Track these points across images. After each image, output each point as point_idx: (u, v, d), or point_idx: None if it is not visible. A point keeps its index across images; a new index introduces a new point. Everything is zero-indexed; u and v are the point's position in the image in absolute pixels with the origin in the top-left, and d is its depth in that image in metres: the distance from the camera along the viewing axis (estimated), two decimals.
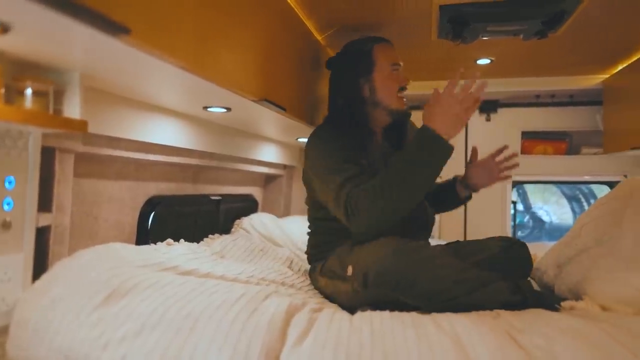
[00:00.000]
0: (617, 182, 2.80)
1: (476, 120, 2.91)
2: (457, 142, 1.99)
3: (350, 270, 1.27)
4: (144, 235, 1.60)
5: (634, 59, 2.18)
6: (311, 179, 1.45)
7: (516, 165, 1.60)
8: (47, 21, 0.65)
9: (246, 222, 2.12)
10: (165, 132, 1.47)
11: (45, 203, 1.12)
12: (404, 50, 2.00)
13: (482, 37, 1.75)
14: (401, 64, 1.54)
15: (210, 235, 1.81)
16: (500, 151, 1.61)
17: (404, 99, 1.54)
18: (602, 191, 3.61)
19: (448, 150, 1.24)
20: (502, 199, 2.87)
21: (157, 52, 0.80)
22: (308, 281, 1.68)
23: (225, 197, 2.18)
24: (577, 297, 1.38)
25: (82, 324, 0.85)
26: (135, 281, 0.95)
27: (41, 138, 1.05)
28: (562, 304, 1.29)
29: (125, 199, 1.54)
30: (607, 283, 1.31)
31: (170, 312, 0.86)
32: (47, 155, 1.11)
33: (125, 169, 1.53)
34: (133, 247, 1.23)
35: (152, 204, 1.64)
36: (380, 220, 1.23)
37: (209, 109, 1.42)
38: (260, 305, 0.93)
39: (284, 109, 1.46)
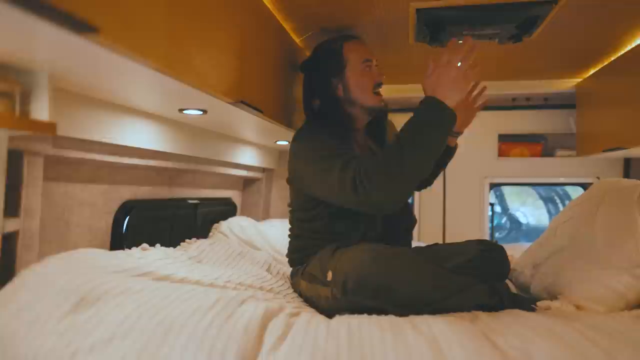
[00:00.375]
0: (590, 184, 2.88)
1: None
2: None
3: (330, 275, 1.26)
4: (119, 241, 1.56)
5: (605, 63, 2.24)
6: (300, 177, 1.43)
7: (485, 88, 1.66)
8: (11, 20, 0.63)
9: (224, 226, 2.10)
10: (140, 134, 1.44)
11: (12, 208, 1.08)
12: (382, 54, 2.01)
13: (459, 40, 1.77)
14: (373, 59, 1.53)
15: (187, 240, 1.78)
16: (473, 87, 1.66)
17: (381, 95, 1.53)
18: (576, 192, 3.69)
19: (452, 116, 1.21)
20: (480, 201, 2.90)
21: (127, 52, 0.78)
22: (287, 285, 1.66)
23: (203, 200, 2.15)
24: (553, 296, 1.40)
25: (49, 332, 0.82)
26: (106, 287, 0.92)
27: (8, 140, 1.01)
28: (538, 304, 1.31)
29: (99, 203, 1.50)
30: (581, 282, 1.34)
31: (142, 320, 0.83)
32: (15, 159, 1.07)
33: (98, 172, 1.49)
34: (105, 253, 1.20)
35: (126, 208, 1.61)
36: (392, 189, 1.18)
37: (184, 112, 1.39)
38: (237, 310, 0.91)
39: (261, 111, 1.44)
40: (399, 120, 1.63)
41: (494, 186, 3.14)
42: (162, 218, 1.83)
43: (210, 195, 2.25)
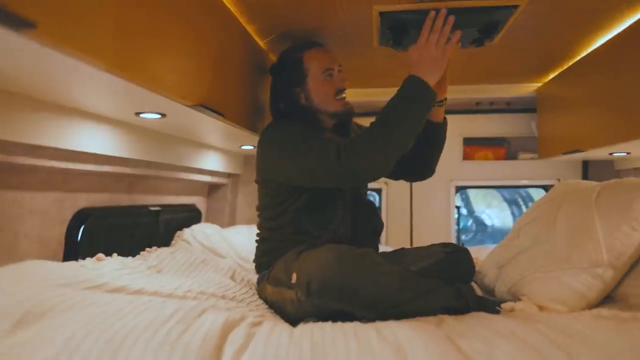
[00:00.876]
0: (551, 186, 2.95)
1: None
2: None
3: (294, 277, 1.23)
4: (73, 251, 1.48)
5: (563, 68, 2.30)
6: (272, 167, 1.44)
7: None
8: None
9: (187, 233, 2.04)
10: (96, 139, 1.37)
11: None
12: (346, 57, 2.00)
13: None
14: (335, 67, 1.54)
15: (147, 249, 1.71)
16: None
17: (344, 100, 1.54)
18: (538, 194, 3.78)
19: (433, 94, 1.32)
20: (447, 204, 2.93)
21: (69, 50, 0.72)
22: (252, 292, 1.62)
23: (165, 207, 2.08)
24: (516, 297, 1.41)
25: None
26: (52, 302, 0.86)
27: None
28: (502, 305, 1.31)
29: (51, 211, 1.42)
30: (543, 283, 1.35)
31: (91, 337, 0.78)
32: None
33: (50, 179, 1.41)
34: (55, 264, 1.13)
35: (82, 216, 1.53)
36: (376, 157, 1.26)
37: (141, 115, 1.34)
38: (194, 322, 0.87)
39: (223, 115, 1.40)
40: (363, 124, 1.63)
41: (459, 189, 3.18)
42: (121, 226, 1.75)
43: (173, 202, 2.18)
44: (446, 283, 1.25)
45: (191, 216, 2.36)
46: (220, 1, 1.46)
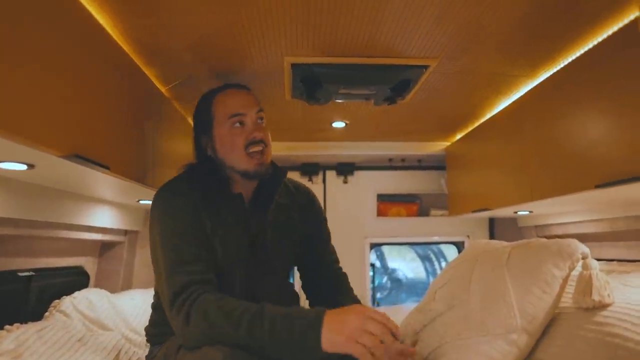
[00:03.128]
0: (461, 242, 3.01)
1: (334, 182, 2.93)
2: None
3: None
4: None
5: (470, 129, 2.40)
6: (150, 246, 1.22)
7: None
8: None
9: (67, 302, 1.72)
10: None
11: None
12: None
13: (335, 99, 1.74)
14: (247, 112, 1.24)
15: (7, 326, 1.40)
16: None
17: (259, 156, 1.23)
18: (449, 250, 3.88)
19: (314, 349, 0.97)
20: (361, 261, 2.86)
21: None
22: None
23: (40, 272, 1.76)
24: None
25: None
26: None
27: None
28: None
29: None
30: (459, 352, 1.30)
31: None
32: None
33: None
34: None
35: None
36: (201, 340, 1.03)
37: (1, 165, 1.10)
38: None
39: (107, 167, 1.21)
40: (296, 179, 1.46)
41: (374, 246, 3.15)
42: None
43: (53, 265, 1.86)
44: None
45: (75, 280, 2.03)
46: (111, 39, 1.30)
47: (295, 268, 1.50)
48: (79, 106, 1.10)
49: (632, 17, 1.26)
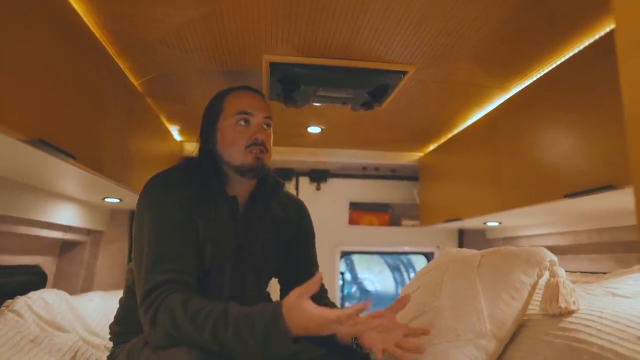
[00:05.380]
0: (431, 253, 3.03)
1: (307, 188, 2.91)
2: None
3: None
4: None
5: (443, 140, 2.43)
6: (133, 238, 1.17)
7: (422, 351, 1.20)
8: None
9: (21, 302, 1.63)
10: None
11: None
12: None
13: (313, 102, 1.73)
14: (256, 114, 1.26)
15: None
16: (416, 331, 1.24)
17: (258, 156, 1.23)
18: (419, 260, 3.90)
19: (287, 348, 0.94)
20: (332, 269, 2.84)
21: None
22: None
23: None
24: None
25: None
26: None
27: None
28: None
29: None
30: (429, 355, 1.28)
31: None
32: None
33: None
34: None
35: None
36: (167, 343, 1.00)
37: None
38: None
39: (73, 157, 1.15)
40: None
41: (344, 254, 3.13)
42: None
43: (7, 263, 1.76)
44: None
45: (32, 280, 1.93)
46: (84, 25, 1.25)
47: (276, 280, 1.48)
48: (45, 90, 1.05)
49: (602, 33, 1.30)
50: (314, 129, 2.30)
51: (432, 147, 2.57)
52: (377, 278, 4.56)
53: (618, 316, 1.12)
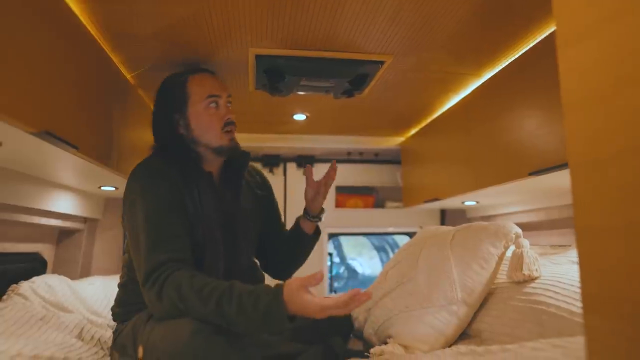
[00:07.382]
0: (414, 233, 3.17)
1: (294, 174, 3.01)
2: (279, 194, 2.14)
3: (141, 351, 1.09)
4: None
5: (422, 125, 2.54)
6: (126, 225, 1.27)
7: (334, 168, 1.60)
8: None
9: (25, 286, 1.72)
10: None
11: None
12: None
13: (297, 91, 1.83)
14: (222, 94, 1.37)
15: None
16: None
17: (231, 135, 1.37)
18: (403, 241, 4.03)
19: (284, 326, 1.04)
20: (319, 251, 2.96)
21: None
22: (103, 353, 1.41)
23: None
24: (382, 338, 1.44)
25: None
26: None
27: None
28: (372, 350, 1.32)
29: None
30: (406, 322, 1.40)
31: None
32: None
33: None
34: None
35: None
36: (172, 314, 1.08)
37: None
38: None
39: (76, 147, 1.24)
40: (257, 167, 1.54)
41: (332, 236, 3.25)
42: None
43: (8, 250, 1.85)
44: (324, 338, 1.21)
45: (31, 267, 2.02)
46: (79, 22, 1.33)
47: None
48: (49, 85, 1.14)
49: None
50: (300, 117, 2.39)
51: (413, 131, 2.69)
52: (365, 264, 4.71)
53: (574, 280, 1.25)
